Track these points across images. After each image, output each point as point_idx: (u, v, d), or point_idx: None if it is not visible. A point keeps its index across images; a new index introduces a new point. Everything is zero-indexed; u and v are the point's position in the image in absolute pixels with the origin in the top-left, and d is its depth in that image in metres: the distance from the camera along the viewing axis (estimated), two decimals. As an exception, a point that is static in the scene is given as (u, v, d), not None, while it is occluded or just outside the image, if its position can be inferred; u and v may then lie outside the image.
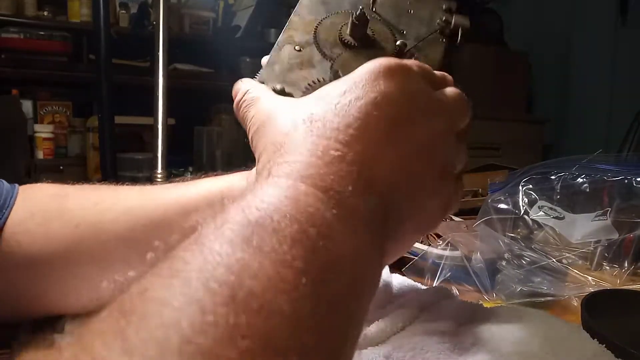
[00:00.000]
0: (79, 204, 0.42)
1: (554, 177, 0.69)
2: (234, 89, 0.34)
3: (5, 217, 0.39)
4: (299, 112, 0.28)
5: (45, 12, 2.36)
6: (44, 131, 2.26)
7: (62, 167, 2.25)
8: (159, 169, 1.13)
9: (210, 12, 2.67)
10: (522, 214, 0.67)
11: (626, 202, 0.63)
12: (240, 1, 2.73)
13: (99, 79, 1.27)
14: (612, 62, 2.61)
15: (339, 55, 0.34)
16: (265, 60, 0.35)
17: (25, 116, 2.22)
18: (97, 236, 0.40)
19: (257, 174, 0.27)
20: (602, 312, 0.43)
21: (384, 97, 0.27)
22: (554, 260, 0.58)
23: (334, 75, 0.32)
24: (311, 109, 0.27)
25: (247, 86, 0.33)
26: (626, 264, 0.60)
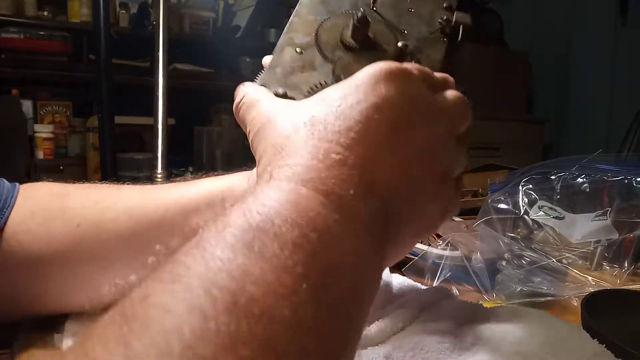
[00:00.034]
0: (80, 203, 0.42)
1: (554, 177, 0.69)
2: (235, 93, 0.34)
3: (6, 216, 0.39)
4: (299, 115, 0.28)
5: (45, 12, 2.37)
6: (44, 131, 2.27)
7: (62, 167, 2.25)
8: (159, 169, 1.13)
9: (210, 12, 2.67)
10: (522, 214, 0.67)
11: (626, 202, 0.63)
12: (240, 1, 2.73)
13: (99, 79, 1.27)
14: (612, 62, 2.61)
15: (340, 58, 0.33)
16: (266, 60, 0.35)
17: (25, 116, 2.22)
18: (98, 235, 0.40)
19: (258, 176, 0.26)
20: (602, 312, 0.43)
21: (384, 101, 0.27)
22: (554, 260, 0.58)
23: (336, 79, 0.32)
24: (312, 112, 0.27)
25: (247, 89, 0.33)
26: (626, 264, 0.60)
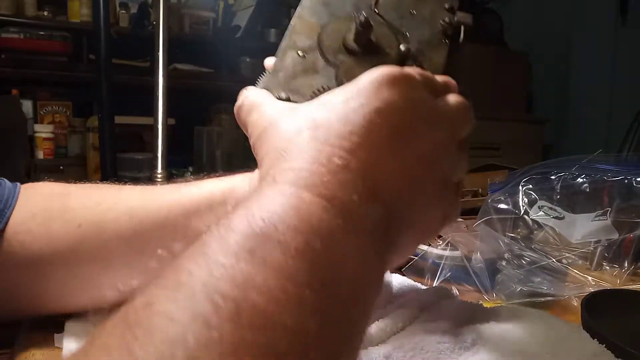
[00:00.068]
0: (81, 203, 0.42)
1: (554, 177, 0.69)
2: (238, 96, 0.34)
3: (7, 217, 0.39)
4: (302, 118, 0.28)
5: (45, 12, 2.37)
6: (44, 131, 2.27)
7: (62, 167, 2.25)
8: (159, 169, 1.13)
9: (210, 12, 2.67)
10: (522, 214, 0.67)
11: (626, 202, 0.63)
12: (240, 1, 2.73)
13: (99, 79, 1.27)
14: (612, 62, 2.61)
15: (343, 61, 0.33)
16: (268, 62, 0.35)
17: (25, 116, 2.22)
18: (99, 236, 0.40)
19: (261, 179, 0.26)
20: (602, 312, 0.43)
21: (387, 106, 0.27)
22: (554, 260, 0.58)
23: (339, 83, 0.32)
24: (314, 116, 0.27)
25: (248, 92, 0.33)
26: (626, 264, 0.60)
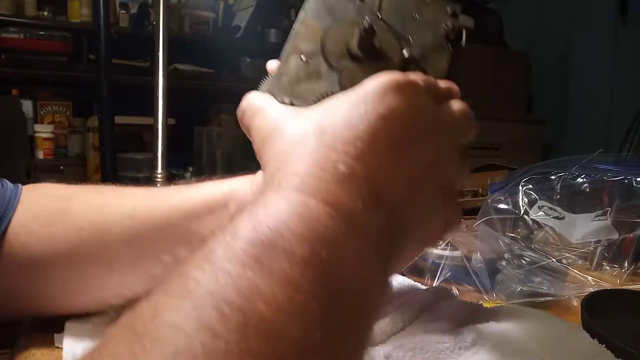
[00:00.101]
0: (83, 205, 0.42)
1: (554, 177, 0.69)
2: (242, 101, 0.34)
3: (9, 218, 0.39)
4: (307, 124, 0.28)
5: (45, 12, 2.37)
6: (44, 131, 2.26)
7: (62, 167, 2.25)
8: (159, 169, 1.13)
9: (210, 12, 2.67)
10: (522, 214, 0.67)
11: (626, 202, 0.63)
12: (240, 1, 2.73)
13: (99, 79, 1.27)
14: (612, 62, 2.61)
15: (346, 67, 0.33)
16: (270, 65, 0.35)
17: (25, 116, 2.22)
18: (101, 238, 0.40)
19: (266, 183, 0.26)
20: (602, 312, 0.43)
21: (391, 112, 0.27)
22: (554, 260, 0.58)
23: (342, 89, 0.32)
24: (319, 121, 0.27)
25: (251, 96, 0.33)
26: (626, 264, 0.60)
